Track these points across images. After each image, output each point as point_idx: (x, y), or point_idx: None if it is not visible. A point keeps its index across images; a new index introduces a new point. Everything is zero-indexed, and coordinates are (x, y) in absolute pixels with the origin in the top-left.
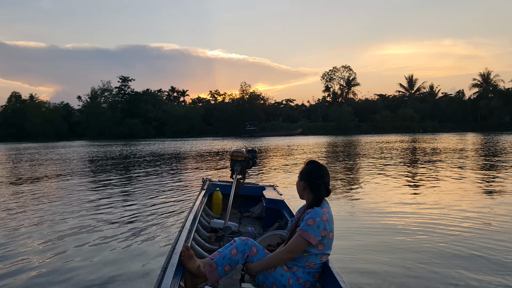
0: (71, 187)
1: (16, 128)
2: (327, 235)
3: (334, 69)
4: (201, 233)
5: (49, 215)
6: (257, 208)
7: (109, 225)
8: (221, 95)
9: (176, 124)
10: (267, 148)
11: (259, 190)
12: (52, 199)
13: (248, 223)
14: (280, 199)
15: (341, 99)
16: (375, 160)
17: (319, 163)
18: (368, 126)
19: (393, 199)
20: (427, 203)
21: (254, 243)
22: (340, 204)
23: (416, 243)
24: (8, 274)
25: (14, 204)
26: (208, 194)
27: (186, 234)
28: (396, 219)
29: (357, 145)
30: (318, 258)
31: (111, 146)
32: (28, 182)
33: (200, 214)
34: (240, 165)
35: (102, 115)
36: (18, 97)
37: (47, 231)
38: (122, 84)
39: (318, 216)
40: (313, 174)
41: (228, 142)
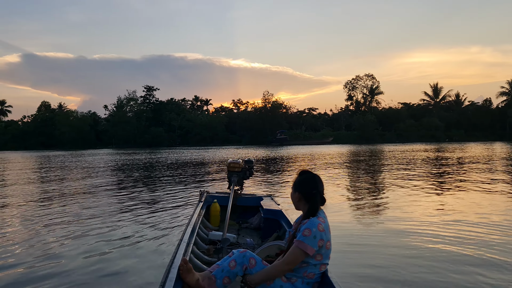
0: (81, 195)
1: (45, 137)
2: (324, 245)
3: (357, 77)
4: (200, 245)
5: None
6: (255, 219)
7: (107, 236)
8: (244, 104)
9: (199, 133)
10: (288, 157)
11: (257, 201)
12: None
13: (246, 234)
14: (278, 209)
15: (364, 108)
16: (399, 169)
17: (312, 173)
18: (392, 135)
19: (415, 209)
20: (450, 214)
21: (252, 254)
22: (358, 214)
23: (431, 254)
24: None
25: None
26: (206, 206)
27: (184, 248)
28: (416, 230)
29: (381, 154)
30: (317, 268)
31: (136, 155)
32: (50, 189)
33: (198, 226)
34: (237, 176)
35: (128, 124)
36: (48, 106)
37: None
38: (147, 93)
39: (314, 227)
40: (307, 185)
41: (250, 151)
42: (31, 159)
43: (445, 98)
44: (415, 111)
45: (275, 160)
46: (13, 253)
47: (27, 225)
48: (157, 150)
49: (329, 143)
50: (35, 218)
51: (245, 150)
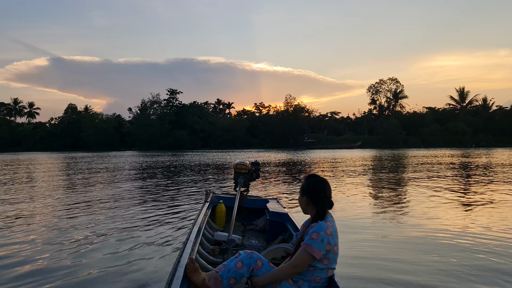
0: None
1: (71, 138)
2: (331, 249)
3: (380, 81)
4: (205, 245)
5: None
6: (261, 221)
7: (115, 234)
8: (266, 108)
9: (221, 136)
10: (309, 161)
11: (263, 203)
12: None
13: (251, 236)
14: (284, 212)
15: (388, 112)
16: (423, 175)
17: (319, 176)
18: (416, 139)
19: (436, 215)
20: (474, 223)
21: (259, 256)
22: (378, 220)
23: (451, 263)
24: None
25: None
26: (212, 206)
27: (191, 247)
28: (437, 239)
29: (404, 159)
30: (324, 273)
31: (159, 157)
32: (72, 188)
33: (204, 226)
34: (244, 178)
35: (151, 127)
36: (74, 108)
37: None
38: (170, 96)
39: (322, 230)
40: (314, 188)
41: (271, 154)
42: (59, 160)
43: (472, 103)
44: (441, 116)
45: (294, 164)
46: (18, 250)
47: (43, 222)
48: (179, 153)
49: (357, 147)
50: (55, 212)
51: (267, 154)
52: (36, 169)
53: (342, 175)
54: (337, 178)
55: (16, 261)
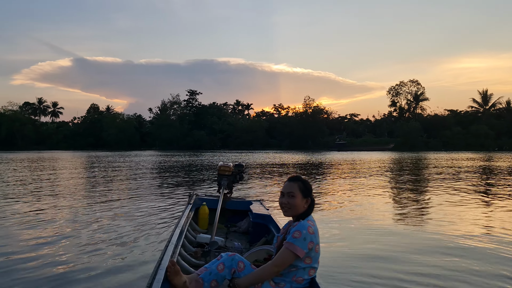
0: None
1: (94, 138)
2: (313, 247)
3: (401, 83)
4: (187, 248)
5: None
6: (244, 223)
7: (95, 237)
8: (285, 109)
9: (240, 137)
10: (328, 162)
11: (246, 205)
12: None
13: (234, 238)
14: (267, 214)
15: (408, 114)
16: (444, 178)
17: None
18: (437, 142)
19: (462, 218)
20: (495, 225)
21: (241, 258)
22: (397, 224)
23: (467, 267)
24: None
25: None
26: (195, 208)
27: (172, 249)
28: (456, 245)
29: (425, 161)
30: (306, 273)
31: (178, 157)
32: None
33: (186, 229)
34: (227, 180)
35: (171, 127)
36: (96, 108)
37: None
38: (190, 97)
39: (305, 229)
40: (311, 189)
41: (289, 156)
42: (82, 159)
43: (495, 105)
44: (463, 119)
45: (312, 165)
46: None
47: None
48: (198, 153)
49: (390, 150)
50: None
51: (285, 155)
52: (63, 167)
53: (363, 177)
54: (361, 180)
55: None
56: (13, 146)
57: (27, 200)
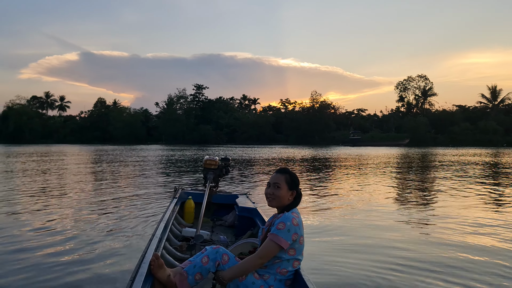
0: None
1: (100, 131)
2: (298, 239)
3: (409, 78)
4: (172, 242)
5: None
6: (230, 217)
7: (78, 229)
8: (292, 104)
9: (246, 131)
10: (332, 158)
11: (232, 199)
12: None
13: (220, 231)
14: (253, 207)
15: (416, 110)
16: (450, 174)
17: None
18: (445, 138)
19: (464, 215)
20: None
21: (225, 251)
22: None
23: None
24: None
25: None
26: (181, 202)
27: (156, 243)
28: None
29: (432, 157)
30: (290, 264)
31: (185, 151)
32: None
33: (172, 222)
34: (213, 173)
35: (177, 121)
36: (103, 102)
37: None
38: (197, 91)
39: (289, 220)
40: (298, 182)
41: (295, 150)
42: (88, 153)
43: (504, 101)
44: (471, 114)
45: (319, 160)
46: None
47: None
48: (204, 147)
49: (404, 145)
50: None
51: (291, 150)
52: (67, 161)
53: (373, 173)
54: (369, 176)
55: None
56: (21, 140)
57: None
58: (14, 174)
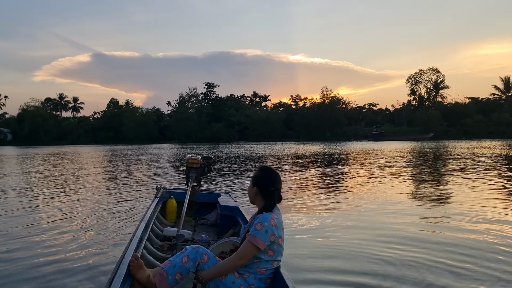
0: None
1: (113, 131)
2: (276, 240)
3: (420, 71)
4: (154, 241)
5: None
6: (212, 215)
7: (58, 228)
8: (302, 100)
9: (257, 128)
10: (343, 153)
11: (214, 197)
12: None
13: (202, 230)
14: (235, 206)
15: (428, 103)
16: (464, 167)
17: (272, 169)
18: (458, 131)
19: (477, 208)
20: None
21: (205, 250)
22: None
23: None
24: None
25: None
26: (162, 202)
27: (136, 243)
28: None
29: (445, 150)
30: (269, 264)
31: (198, 149)
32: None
33: (153, 222)
34: (196, 172)
35: (189, 120)
36: (116, 103)
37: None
38: (208, 90)
39: (267, 221)
40: (266, 181)
41: (306, 146)
42: (103, 153)
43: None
44: (484, 106)
45: (329, 156)
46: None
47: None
48: (216, 145)
49: (429, 139)
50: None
51: (303, 146)
52: (77, 161)
53: (390, 168)
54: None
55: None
56: (36, 141)
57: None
58: (13, 174)
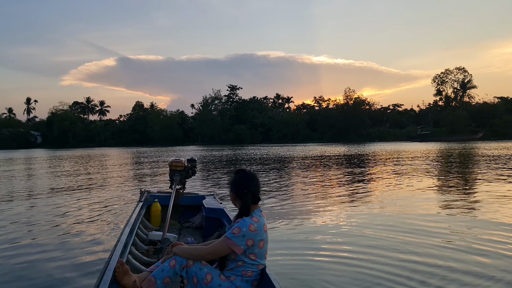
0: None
1: (139, 134)
2: (255, 244)
3: (446, 71)
4: (139, 246)
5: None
6: (197, 218)
7: (43, 235)
8: (326, 101)
9: (281, 130)
10: (369, 154)
11: (199, 200)
12: None
13: (188, 233)
14: (220, 207)
15: (455, 103)
16: (493, 170)
17: (247, 171)
18: (486, 131)
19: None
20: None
21: None
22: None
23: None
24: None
25: None
26: (146, 206)
27: (121, 249)
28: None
29: (472, 152)
30: (255, 267)
31: (222, 151)
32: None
33: (138, 226)
34: (180, 175)
35: (213, 122)
36: (141, 106)
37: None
38: (231, 92)
39: (245, 227)
40: (240, 183)
41: (330, 148)
42: (131, 155)
43: None
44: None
45: (352, 157)
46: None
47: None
48: (240, 147)
49: (478, 139)
50: None
51: (326, 147)
52: (112, 162)
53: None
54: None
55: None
56: (65, 144)
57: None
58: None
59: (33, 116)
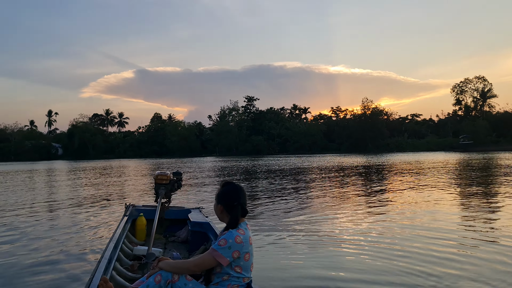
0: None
1: (157, 145)
2: (241, 256)
3: (466, 80)
4: (123, 261)
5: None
6: (183, 232)
7: (25, 251)
8: (343, 112)
9: (298, 141)
10: (388, 165)
11: (185, 213)
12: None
13: (173, 247)
14: (206, 221)
15: (475, 113)
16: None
17: (235, 184)
18: (508, 141)
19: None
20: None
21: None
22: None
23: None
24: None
25: None
26: (132, 220)
27: (105, 265)
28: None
29: (493, 163)
30: (240, 280)
31: (240, 162)
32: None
33: (122, 241)
34: (165, 189)
35: (230, 133)
36: (159, 117)
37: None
38: (248, 103)
39: (231, 238)
40: (228, 196)
41: (348, 159)
42: (150, 166)
43: None
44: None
45: (370, 168)
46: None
47: None
48: (257, 158)
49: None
50: None
51: (344, 158)
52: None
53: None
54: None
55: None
56: (85, 156)
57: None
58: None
59: (54, 128)
